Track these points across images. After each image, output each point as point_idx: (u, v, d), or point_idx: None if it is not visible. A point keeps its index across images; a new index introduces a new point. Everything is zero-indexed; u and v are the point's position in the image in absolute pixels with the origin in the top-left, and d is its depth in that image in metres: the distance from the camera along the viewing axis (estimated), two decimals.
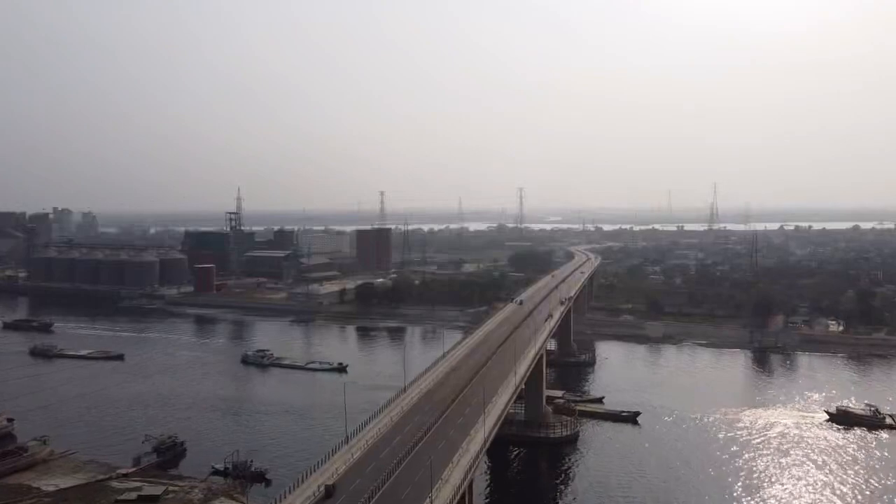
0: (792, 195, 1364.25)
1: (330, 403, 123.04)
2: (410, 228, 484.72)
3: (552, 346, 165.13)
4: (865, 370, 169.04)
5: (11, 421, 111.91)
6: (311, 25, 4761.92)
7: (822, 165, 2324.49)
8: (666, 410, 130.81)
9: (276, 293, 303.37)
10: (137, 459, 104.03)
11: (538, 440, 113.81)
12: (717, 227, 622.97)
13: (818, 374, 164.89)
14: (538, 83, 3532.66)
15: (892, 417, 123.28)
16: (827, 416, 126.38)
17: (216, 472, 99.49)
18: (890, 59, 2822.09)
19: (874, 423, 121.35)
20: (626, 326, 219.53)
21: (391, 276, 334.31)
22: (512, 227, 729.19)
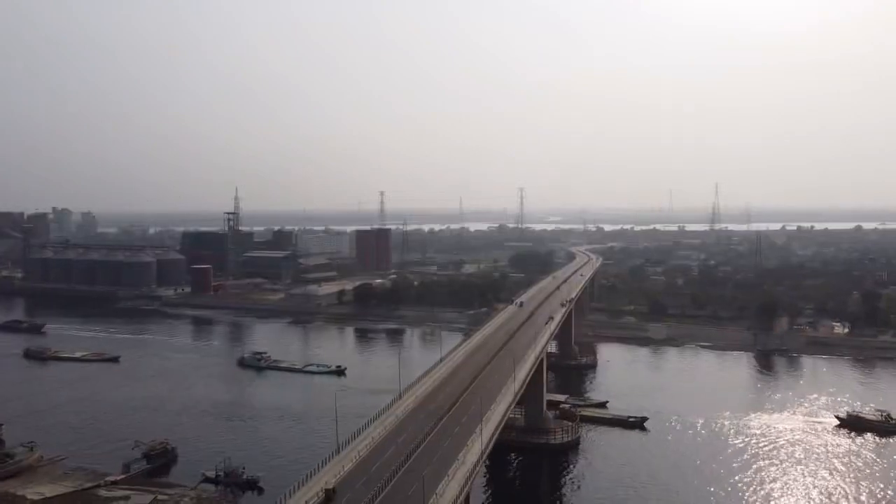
0: (792, 195, 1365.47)
1: (327, 407, 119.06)
2: (410, 229, 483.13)
3: (553, 348, 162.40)
4: (872, 373, 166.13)
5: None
6: (311, 25, 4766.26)
7: (822, 165, 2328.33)
8: (672, 415, 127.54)
9: (273, 294, 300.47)
10: (127, 466, 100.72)
11: (539, 446, 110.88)
12: (718, 227, 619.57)
13: (824, 377, 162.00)
14: (538, 83, 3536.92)
15: None
16: (837, 420, 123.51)
17: (207, 479, 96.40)
18: (890, 59, 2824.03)
19: (886, 428, 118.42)
20: (627, 328, 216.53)
21: (390, 276, 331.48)
22: (512, 227, 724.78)
